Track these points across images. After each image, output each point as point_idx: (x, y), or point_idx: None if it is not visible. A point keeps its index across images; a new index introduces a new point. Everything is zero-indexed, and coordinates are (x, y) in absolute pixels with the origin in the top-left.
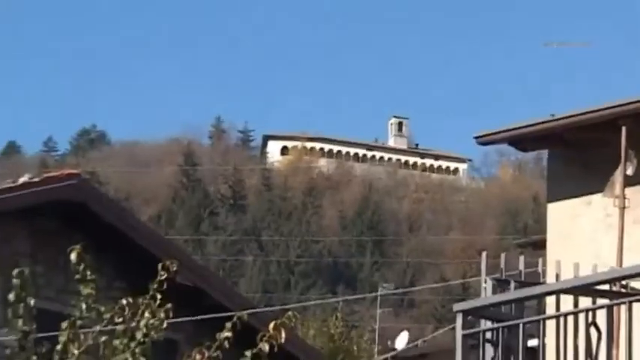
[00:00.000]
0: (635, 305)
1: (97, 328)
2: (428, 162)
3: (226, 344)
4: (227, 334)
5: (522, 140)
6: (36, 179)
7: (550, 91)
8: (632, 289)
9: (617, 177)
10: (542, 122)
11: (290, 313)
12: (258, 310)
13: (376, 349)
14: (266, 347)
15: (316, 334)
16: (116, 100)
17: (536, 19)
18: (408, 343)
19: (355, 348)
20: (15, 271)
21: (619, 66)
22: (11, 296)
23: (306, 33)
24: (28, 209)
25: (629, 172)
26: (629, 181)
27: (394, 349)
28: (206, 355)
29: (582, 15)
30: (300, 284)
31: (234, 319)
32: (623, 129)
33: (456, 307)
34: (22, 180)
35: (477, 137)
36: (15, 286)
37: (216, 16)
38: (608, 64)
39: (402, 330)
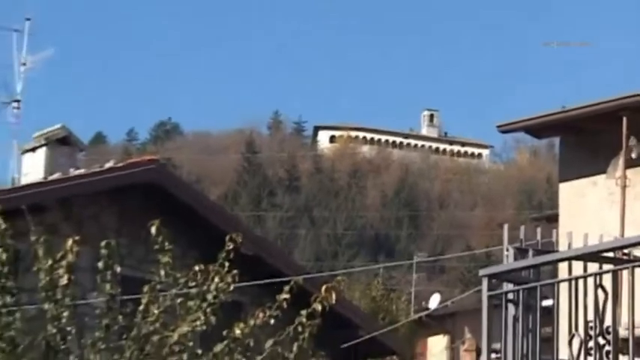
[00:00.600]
0: (637, 270)
1: (174, 291)
2: (455, 148)
3: (284, 305)
4: (285, 296)
5: (537, 129)
6: (120, 164)
7: (564, 82)
8: (634, 256)
9: (619, 160)
10: (554, 113)
11: (338, 278)
12: (311, 275)
13: (412, 309)
14: (319, 307)
15: (360, 297)
16: (188, 95)
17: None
18: (440, 303)
19: (394, 308)
20: (103, 243)
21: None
22: (100, 264)
23: (348, 32)
24: (113, 190)
25: (634, 155)
26: (629, 164)
27: (427, 309)
28: (267, 314)
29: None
30: (346, 254)
31: (291, 283)
32: (624, 119)
33: (482, 272)
34: (108, 165)
35: (498, 126)
36: (103, 256)
37: (266, 17)
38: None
39: (434, 292)
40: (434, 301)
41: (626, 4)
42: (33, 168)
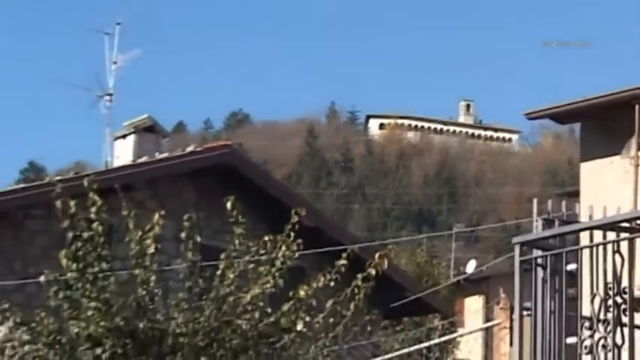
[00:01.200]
0: None
1: (246, 258)
2: (489, 133)
3: (342, 270)
4: (343, 262)
5: (560, 116)
6: (198, 149)
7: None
8: None
9: (633, 143)
10: (576, 102)
11: (388, 247)
12: (364, 244)
13: (451, 274)
14: (372, 272)
15: (407, 263)
16: (257, 87)
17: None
18: (475, 268)
19: (436, 272)
20: (185, 217)
21: None
22: (182, 235)
23: (394, 30)
24: (193, 171)
25: None
26: None
27: (465, 273)
28: (327, 278)
29: None
30: (394, 226)
31: (348, 251)
32: (637, 107)
33: (515, 240)
34: (188, 149)
35: (526, 114)
36: (185, 227)
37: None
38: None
39: (470, 259)
40: (470, 267)
41: None
42: (123, 152)
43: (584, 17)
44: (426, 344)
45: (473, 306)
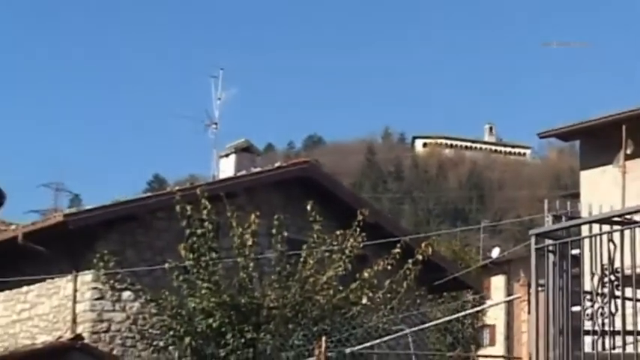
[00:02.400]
0: (637, 230)
1: (322, 248)
2: (507, 149)
3: (397, 256)
4: (397, 250)
5: (564, 135)
6: (284, 164)
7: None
8: (634, 220)
9: (621, 155)
10: (576, 124)
11: (432, 238)
12: (413, 236)
13: (480, 258)
14: (420, 257)
15: (445, 250)
16: (329, 114)
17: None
18: (499, 254)
19: (468, 257)
20: (275, 217)
21: None
22: (273, 231)
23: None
24: (281, 181)
25: (629, 151)
26: (627, 157)
27: (491, 258)
28: (385, 262)
29: None
30: (435, 221)
31: (401, 242)
32: (623, 127)
33: (531, 232)
34: (276, 165)
35: (538, 134)
36: (275, 225)
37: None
38: None
39: (494, 246)
40: (495, 253)
41: None
42: (226, 168)
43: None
44: (461, 314)
45: (497, 284)
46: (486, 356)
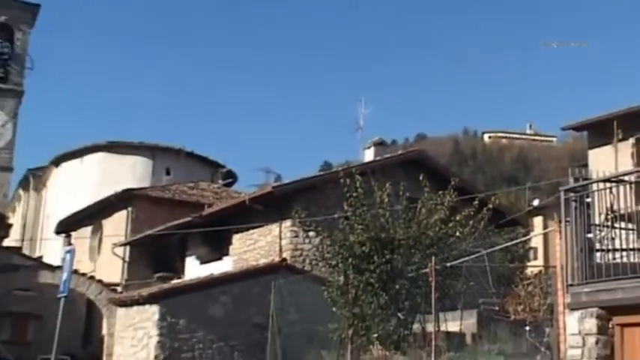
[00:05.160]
0: (626, 186)
1: (430, 202)
2: (541, 138)
3: (476, 206)
4: (475, 202)
5: (577, 128)
6: (403, 152)
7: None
8: (624, 180)
9: (615, 140)
10: (584, 121)
11: (496, 195)
12: (485, 194)
13: (526, 206)
14: (490, 206)
15: (504, 202)
16: (430, 114)
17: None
18: (539, 203)
19: (518, 206)
20: (400, 184)
21: None
22: (400, 192)
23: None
24: (402, 162)
25: (619, 137)
26: (619, 140)
27: (533, 205)
28: (468, 211)
29: None
30: (498, 184)
31: (477, 198)
32: (615, 122)
33: (560, 188)
34: (399, 152)
35: (562, 127)
36: (400, 189)
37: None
38: None
39: (534, 198)
40: (535, 202)
41: None
42: (368, 156)
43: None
44: (516, 241)
45: (537, 221)
46: (532, 266)
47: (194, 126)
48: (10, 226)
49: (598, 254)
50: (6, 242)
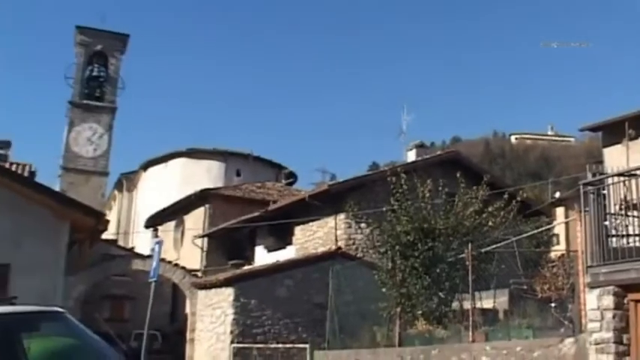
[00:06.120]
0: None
1: (466, 196)
2: (561, 138)
3: (505, 199)
4: (505, 196)
5: (592, 129)
6: (442, 153)
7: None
8: (635, 174)
9: (625, 139)
10: (599, 122)
11: (522, 189)
12: (513, 188)
13: (550, 198)
14: (518, 199)
15: (530, 195)
16: (465, 119)
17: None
18: (560, 195)
19: (543, 198)
20: (440, 182)
21: None
22: (439, 188)
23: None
24: (441, 162)
25: (632, 135)
26: (630, 139)
27: (555, 198)
28: (499, 204)
29: None
30: (524, 179)
31: (507, 191)
32: (626, 123)
33: (580, 182)
34: (438, 153)
35: (579, 129)
36: (440, 185)
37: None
38: None
39: (556, 191)
40: (557, 194)
41: None
42: (411, 157)
43: None
44: (541, 229)
45: (559, 211)
46: (556, 250)
47: (261, 133)
48: (108, 222)
49: (613, 239)
50: (104, 236)
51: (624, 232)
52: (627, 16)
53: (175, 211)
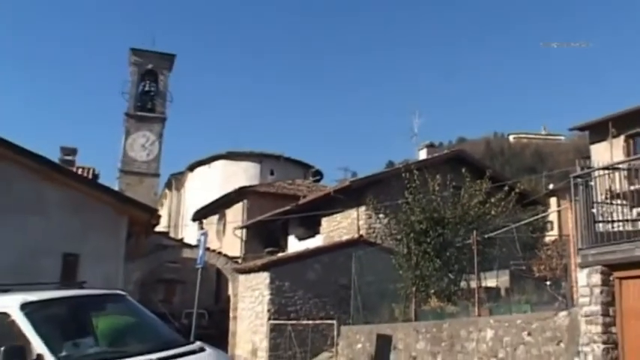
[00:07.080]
0: (621, 172)
1: (471, 189)
2: (552, 137)
3: (506, 191)
4: (505, 188)
5: (581, 128)
6: (448, 151)
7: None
8: (618, 167)
9: (610, 136)
10: (586, 123)
11: (520, 181)
12: (512, 181)
13: (544, 189)
14: (517, 190)
15: (527, 186)
16: (469, 113)
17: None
18: (553, 186)
19: (538, 189)
20: (448, 177)
21: None
22: (447, 183)
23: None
24: (449, 159)
25: (614, 133)
26: (613, 137)
27: (549, 189)
28: (501, 195)
29: None
30: (521, 173)
31: (507, 184)
32: (610, 123)
33: (571, 175)
34: (445, 151)
35: (569, 128)
36: (447, 179)
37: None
38: None
39: (549, 184)
40: (551, 186)
41: None
42: (422, 155)
43: None
44: (536, 217)
45: (553, 201)
46: (550, 235)
47: (292, 137)
48: (160, 216)
49: (600, 225)
50: (157, 229)
51: (609, 219)
52: (627, 16)
53: (218, 206)
